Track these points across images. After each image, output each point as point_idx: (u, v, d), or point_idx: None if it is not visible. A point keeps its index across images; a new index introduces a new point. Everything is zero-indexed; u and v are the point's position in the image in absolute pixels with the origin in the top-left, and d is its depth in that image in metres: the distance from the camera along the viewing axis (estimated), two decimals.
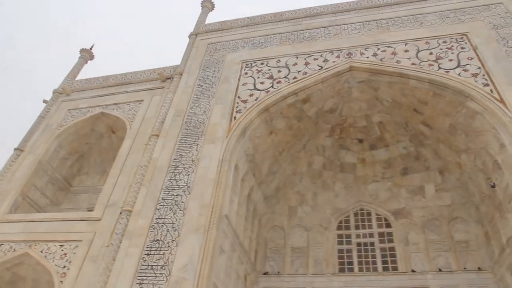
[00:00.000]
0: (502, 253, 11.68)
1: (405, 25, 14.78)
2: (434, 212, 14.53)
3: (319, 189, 15.83)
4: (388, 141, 15.25)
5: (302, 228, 15.27)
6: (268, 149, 14.04)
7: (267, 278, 14.04)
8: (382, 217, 15.01)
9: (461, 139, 12.83)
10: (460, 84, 11.95)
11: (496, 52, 12.60)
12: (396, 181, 15.35)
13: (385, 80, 13.28)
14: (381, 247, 14.30)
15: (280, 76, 13.87)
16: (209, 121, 12.95)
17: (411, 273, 13.31)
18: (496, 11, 14.25)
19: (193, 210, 10.55)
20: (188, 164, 11.84)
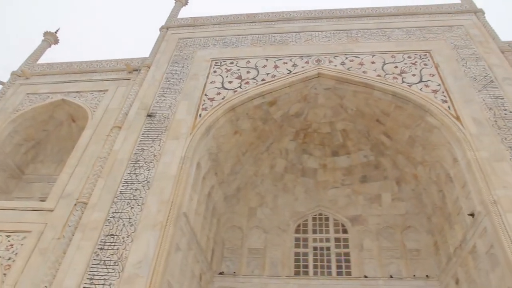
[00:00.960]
0: (448, 262, 12.22)
1: (373, 38, 15.23)
2: (389, 220, 15.00)
3: (280, 192, 15.97)
4: (350, 148, 15.59)
5: (260, 229, 15.34)
6: (231, 149, 14.02)
7: (222, 278, 14.00)
8: (340, 222, 15.33)
9: (419, 151, 13.32)
10: (421, 99, 12.43)
11: (456, 71, 13.20)
12: (355, 188, 15.72)
13: (350, 89, 13.60)
14: (337, 252, 14.59)
15: (249, 77, 13.91)
16: (174, 117, 12.79)
17: (364, 278, 13.66)
18: (457, 32, 14.95)
19: (152, 205, 10.36)
20: (149, 159, 11.63)
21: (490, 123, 11.42)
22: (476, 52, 13.97)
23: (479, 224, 9.97)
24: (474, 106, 11.94)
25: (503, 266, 8.75)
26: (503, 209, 9.29)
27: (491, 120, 11.50)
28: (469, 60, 13.64)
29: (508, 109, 11.77)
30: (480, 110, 11.83)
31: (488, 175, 10.07)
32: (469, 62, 13.56)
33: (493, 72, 13.11)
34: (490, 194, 9.68)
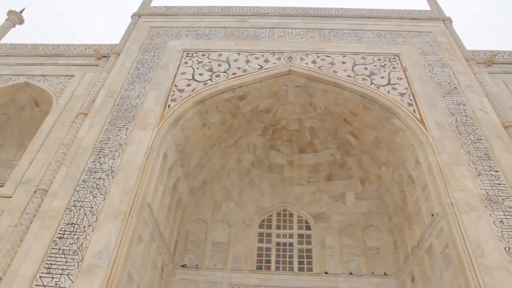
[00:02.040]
0: (406, 261, 12.63)
1: (345, 38, 15.46)
2: (352, 218, 15.33)
3: (246, 187, 16.00)
4: (317, 147, 15.78)
5: (225, 223, 15.35)
6: (199, 141, 13.92)
7: (184, 271, 13.93)
8: (303, 219, 15.55)
9: (383, 152, 13.66)
10: (388, 101, 12.72)
11: (422, 76, 13.60)
12: (320, 186, 15.96)
13: (320, 88, 13.76)
14: (299, 248, 14.80)
15: (220, 70, 13.83)
16: (142, 106, 12.56)
17: (325, 274, 13.93)
18: (426, 38, 15.39)
19: (115, 195, 10.15)
20: (114, 148, 11.38)
21: (452, 128, 11.83)
22: (442, 59, 14.42)
23: (436, 224, 10.34)
24: (437, 111, 12.33)
25: (456, 265, 9.12)
26: (459, 211, 9.66)
27: (452, 125, 11.92)
28: (435, 66, 14.07)
29: (469, 116, 12.23)
30: (443, 115, 12.24)
31: (447, 178, 10.43)
32: (435, 68, 13.99)
33: (457, 79, 13.59)
34: (448, 196, 10.04)
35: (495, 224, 9.42)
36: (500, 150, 11.18)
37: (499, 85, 13.94)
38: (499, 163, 10.83)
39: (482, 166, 10.78)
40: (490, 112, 12.42)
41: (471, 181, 10.39)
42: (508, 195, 10.07)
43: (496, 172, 10.62)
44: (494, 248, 8.93)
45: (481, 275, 8.44)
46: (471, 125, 11.95)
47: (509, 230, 9.31)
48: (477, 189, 10.20)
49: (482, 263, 8.64)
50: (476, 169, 10.69)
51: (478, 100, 12.79)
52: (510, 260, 8.72)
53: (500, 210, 9.73)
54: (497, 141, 11.46)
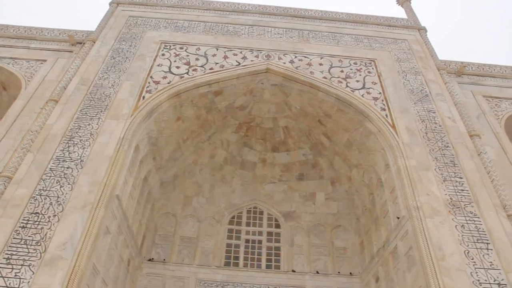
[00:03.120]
0: (371, 261, 12.92)
1: (323, 40, 15.64)
2: (321, 218, 15.55)
3: (217, 183, 15.96)
4: (290, 146, 15.91)
5: (194, 218, 15.27)
6: (172, 134, 13.79)
7: (151, 265, 13.78)
8: (273, 217, 15.66)
9: (355, 155, 13.90)
10: (362, 105, 12.96)
11: (396, 82, 13.91)
12: (291, 185, 16.09)
13: (296, 88, 13.87)
14: (268, 245, 14.90)
15: (197, 64, 13.73)
16: (116, 96, 12.31)
17: (292, 273, 14.07)
18: (401, 46, 15.77)
19: (83, 185, 9.92)
20: (85, 137, 11.10)
21: (421, 134, 12.17)
22: (416, 67, 14.81)
23: (402, 227, 10.62)
24: (409, 117, 12.66)
25: (418, 266, 9.40)
26: (424, 214, 9.96)
27: (422, 131, 12.26)
28: (409, 73, 14.43)
29: (438, 123, 12.61)
30: (414, 121, 12.57)
31: (414, 183, 10.72)
32: (409, 75, 14.35)
33: (429, 87, 13.98)
34: (415, 200, 10.33)
35: (456, 229, 9.76)
36: (465, 158, 11.59)
37: (467, 95, 14.45)
38: (463, 170, 11.22)
39: (447, 172, 11.15)
40: (457, 120, 12.85)
41: (436, 186, 10.72)
42: (470, 201, 10.45)
43: (460, 179, 10.99)
44: (454, 251, 9.25)
45: (441, 276, 8.73)
46: (440, 132, 12.33)
47: (469, 234, 9.67)
48: (442, 194, 10.54)
49: (442, 265, 8.94)
50: (442, 175, 11.04)
51: (447, 108, 13.20)
52: (468, 263, 9.07)
53: (462, 215, 10.09)
54: (462, 149, 11.87)
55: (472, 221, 10.00)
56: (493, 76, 15.65)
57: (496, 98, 14.65)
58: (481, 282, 8.78)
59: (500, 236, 9.74)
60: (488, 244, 9.52)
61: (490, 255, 9.32)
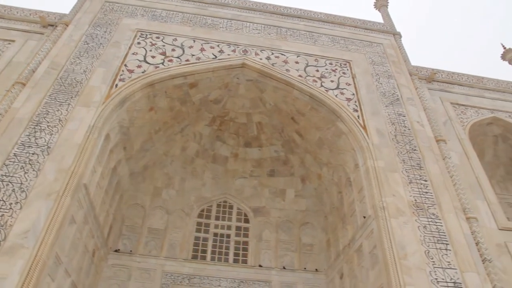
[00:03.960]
0: (337, 258, 13.19)
1: (301, 39, 15.74)
2: (290, 215, 15.73)
3: (188, 175, 15.88)
4: (263, 142, 15.99)
5: (163, 210, 15.15)
6: (144, 125, 13.60)
7: (117, 256, 13.60)
8: (243, 212, 15.73)
9: (326, 153, 14.11)
10: (335, 105, 13.14)
11: (369, 85, 14.19)
12: (262, 181, 16.20)
13: (272, 84, 13.92)
14: (236, 240, 14.97)
15: (173, 55, 13.57)
16: (88, 83, 12.01)
17: (258, 267, 14.20)
18: (376, 49, 16.07)
19: (49, 173, 9.64)
20: (53, 123, 10.78)
21: (390, 136, 12.47)
22: (389, 71, 15.14)
23: (367, 226, 10.88)
24: (379, 119, 12.94)
25: (381, 265, 9.67)
26: (389, 214, 10.23)
27: (392, 134, 12.57)
28: (382, 77, 14.74)
29: (407, 126, 12.95)
30: (384, 123, 12.86)
31: (381, 183, 10.99)
32: (382, 79, 14.65)
33: (400, 91, 14.33)
34: (381, 200, 10.59)
35: (419, 229, 10.09)
36: (430, 162, 11.97)
37: (436, 101, 14.90)
38: (428, 173, 11.59)
39: (413, 174, 11.49)
40: (426, 125, 13.24)
41: (402, 187, 11.03)
42: (433, 203, 10.82)
43: (425, 181, 11.35)
44: (416, 251, 9.57)
45: (402, 275, 9.02)
46: (408, 135, 12.67)
47: (430, 235, 10.02)
48: (407, 195, 10.86)
49: (404, 264, 9.24)
50: (408, 177, 11.37)
51: (416, 113, 13.58)
52: (428, 263, 9.41)
53: (424, 216, 10.43)
54: (429, 153, 12.26)
55: (434, 223, 10.37)
56: (461, 84, 16.21)
57: (463, 105, 15.18)
58: (439, 281, 9.14)
59: (459, 238, 10.15)
60: (447, 245, 9.90)
61: (448, 255, 9.70)
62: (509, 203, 14.93)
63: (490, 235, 10.70)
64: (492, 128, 15.33)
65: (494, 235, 10.78)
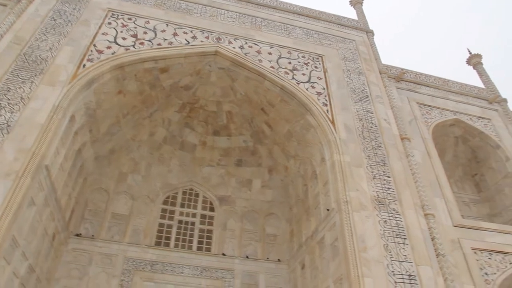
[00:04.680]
0: (299, 249, 13.43)
1: (275, 30, 15.73)
2: (255, 205, 15.85)
3: (155, 161, 15.69)
4: (232, 131, 15.96)
5: (128, 195, 14.92)
6: (112, 108, 13.27)
7: (79, 240, 13.31)
8: (208, 200, 15.72)
9: (294, 146, 14.26)
10: (305, 98, 13.25)
11: (340, 80, 14.38)
12: (229, 170, 16.20)
13: (243, 74, 13.88)
14: (201, 228, 14.96)
15: (145, 38, 13.27)
16: (54, 61, 11.56)
17: (222, 256, 14.27)
18: (349, 45, 16.28)
19: (8, 152, 9.29)
20: (15, 101, 10.33)
21: (357, 132, 12.74)
22: (360, 68, 15.39)
23: (330, 219, 11.13)
24: (348, 115, 13.18)
25: (341, 256, 9.94)
26: (352, 208, 10.51)
27: (359, 130, 12.84)
28: (353, 73, 14.97)
29: (374, 123, 13.26)
30: (352, 119, 13.11)
31: (346, 178, 11.25)
32: (353, 75, 14.89)
33: (370, 88, 14.62)
34: (345, 194, 10.85)
35: (379, 224, 10.42)
36: (394, 159, 12.33)
37: (403, 100, 15.31)
38: (391, 170, 11.95)
39: (377, 170, 11.81)
40: (392, 123, 13.60)
41: (366, 183, 11.33)
42: (394, 199, 11.18)
43: (388, 178, 11.70)
44: (375, 244, 9.90)
45: (361, 267, 9.32)
46: (375, 132, 12.98)
47: (390, 229, 10.37)
48: (370, 190, 11.17)
49: (363, 257, 9.54)
50: (372, 173, 11.68)
51: (384, 111, 13.91)
52: (386, 256, 9.76)
53: (385, 211, 10.78)
54: (393, 150, 12.62)
55: (394, 218, 10.73)
56: (428, 85, 16.71)
57: (428, 106, 15.67)
58: (395, 273, 9.51)
59: (416, 233, 10.56)
60: (405, 239, 10.29)
61: (405, 249, 10.09)
62: (465, 202, 15.61)
63: (445, 231, 11.19)
64: (454, 130, 15.92)
65: (449, 231, 11.28)
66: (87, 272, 12.78)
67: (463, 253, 10.87)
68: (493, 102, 17.30)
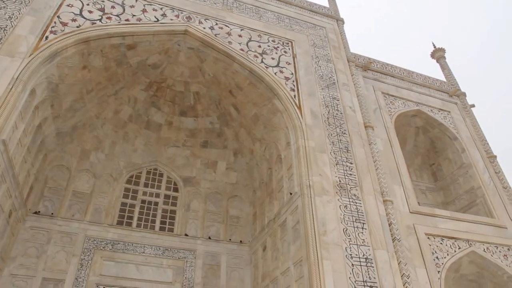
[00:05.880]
0: (261, 232, 13.67)
1: (247, 13, 15.61)
2: (219, 187, 15.93)
3: (119, 140, 15.39)
4: (199, 112, 15.85)
5: (90, 174, 14.62)
6: (76, 83, 12.84)
7: (37, 218, 12.97)
8: (173, 181, 15.66)
9: (260, 129, 14.34)
10: (273, 82, 13.31)
11: (308, 66, 14.52)
12: (194, 151, 16.14)
13: (212, 55, 13.73)
14: (164, 208, 14.92)
15: (113, 13, 12.83)
16: (13, 31, 10.99)
17: (184, 236, 14.32)
18: (318, 32, 16.41)
19: None
20: None
21: (323, 118, 12.97)
22: (329, 55, 15.57)
23: (293, 202, 11.37)
24: (314, 101, 13.37)
25: (302, 239, 10.21)
26: (314, 193, 10.76)
27: (324, 116, 13.07)
28: (321, 60, 15.14)
29: (340, 110, 13.53)
30: (318, 105, 13.32)
31: (310, 163, 11.47)
32: (321, 62, 15.06)
33: (337, 76, 14.85)
34: (308, 178, 11.08)
35: (340, 208, 10.75)
36: (357, 146, 12.68)
37: (368, 89, 15.65)
38: (354, 157, 12.29)
39: (340, 156, 12.11)
40: (357, 111, 13.92)
41: (329, 168, 11.61)
42: (356, 185, 11.54)
43: (350, 164, 12.03)
44: (335, 228, 10.22)
45: (320, 249, 9.63)
46: (340, 119, 13.26)
47: (350, 214, 10.73)
48: (333, 176, 11.46)
49: (323, 240, 9.84)
50: (336, 159, 11.97)
51: (349, 98, 14.20)
52: (345, 239, 10.11)
53: (346, 196, 11.11)
54: (357, 138, 12.96)
55: (354, 203, 11.09)
56: (393, 76, 17.13)
57: (392, 96, 16.11)
58: (353, 256, 9.88)
59: (375, 218, 10.98)
60: (364, 224, 10.68)
61: (364, 233, 10.48)
62: (422, 190, 16.29)
63: (402, 217, 11.68)
64: (416, 120, 16.48)
65: (405, 217, 11.78)
66: (45, 251, 12.51)
67: (417, 238, 11.39)
68: (453, 95, 17.99)
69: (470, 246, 11.95)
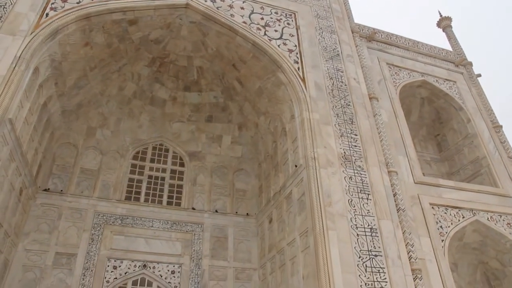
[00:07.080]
0: (267, 204, 13.86)
1: None
2: (225, 161, 16.07)
3: (124, 116, 15.46)
4: (202, 87, 15.81)
5: (97, 150, 14.78)
6: (79, 60, 12.80)
7: (47, 195, 13.22)
8: (178, 155, 15.81)
9: (264, 102, 14.32)
10: (277, 55, 13.18)
11: (312, 38, 14.33)
12: (199, 126, 16.21)
13: (215, 29, 13.56)
14: (171, 183, 15.13)
15: None
16: (13, 8, 10.90)
17: (191, 210, 14.56)
18: (322, 3, 16.10)
19: None
20: None
21: (327, 90, 12.90)
22: (332, 26, 15.33)
23: (298, 175, 11.47)
24: (318, 73, 13.27)
25: (308, 211, 10.36)
26: (319, 165, 10.84)
27: (329, 88, 13.00)
28: (325, 31, 14.92)
29: (344, 82, 13.44)
30: (322, 77, 13.22)
31: (315, 135, 11.50)
32: (325, 33, 14.84)
33: (341, 47, 14.67)
34: (313, 151, 11.14)
35: (345, 180, 10.85)
36: (362, 117, 12.65)
37: (373, 60, 15.46)
38: (359, 128, 12.29)
39: (345, 128, 12.12)
40: (361, 82, 13.82)
41: (334, 140, 11.64)
42: (360, 156, 11.59)
43: (355, 136, 12.05)
44: (340, 199, 10.35)
45: (326, 220, 9.78)
46: (344, 91, 13.19)
47: (355, 186, 10.83)
48: (338, 148, 11.50)
49: (328, 211, 9.98)
50: (340, 131, 11.99)
51: (354, 70, 14.07)
52: (350, 210, 10.25)
53: (351, 168, 11.19)
54: (361, 109, 12.92)
55: (359, 174, 11.17)
56: (398, 46, 16.87)
57: (397, 67, 15.92)
58: (358, 227, 10.04)
59: (379, 189, 11.08)
60: (369, 195, 10.80)
61: (368, 204, 10.61)
62: (426, 161, 16.34)
63: (407, 188, 11.77)
64: (421, 91, 16.34)
65: (410, 188, 11.87)
66: (56, 226, 12.82)
67: (421, 208, 11.53)
68: (459, 65, 17.75)
69: (474, 215, 12.08)
